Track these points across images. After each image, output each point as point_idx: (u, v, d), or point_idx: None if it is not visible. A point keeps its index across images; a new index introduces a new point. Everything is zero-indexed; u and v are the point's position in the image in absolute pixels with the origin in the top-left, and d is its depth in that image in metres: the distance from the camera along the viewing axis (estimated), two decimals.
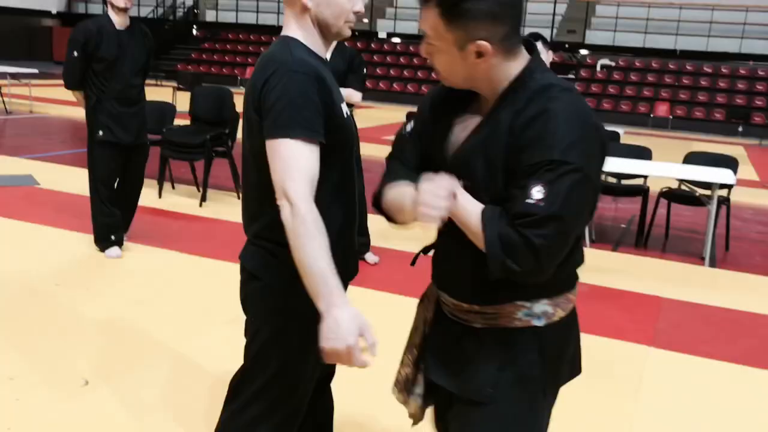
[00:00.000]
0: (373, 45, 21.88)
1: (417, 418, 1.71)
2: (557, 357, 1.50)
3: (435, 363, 1.58)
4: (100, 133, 4.33)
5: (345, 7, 1.68)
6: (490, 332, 1.48)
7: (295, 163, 1.53)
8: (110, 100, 4.33)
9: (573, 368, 1.59)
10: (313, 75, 1.59)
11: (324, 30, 1.70)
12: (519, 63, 1.43)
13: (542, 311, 1.46)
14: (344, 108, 1.72)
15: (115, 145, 4.39)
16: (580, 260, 1.52)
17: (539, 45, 3.92)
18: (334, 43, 2.73)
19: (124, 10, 4.26)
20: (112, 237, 4.51)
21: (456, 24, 1.35)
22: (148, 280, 4.19)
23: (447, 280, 1.56)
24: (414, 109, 1.73)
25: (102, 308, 3.69)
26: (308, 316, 1.70)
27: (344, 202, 1.74)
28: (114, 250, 4.50)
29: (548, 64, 3.99)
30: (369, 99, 17.02)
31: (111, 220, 4.49)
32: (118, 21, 4.31)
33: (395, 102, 19.14)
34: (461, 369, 1.51)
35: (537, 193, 1.29)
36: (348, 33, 1.73)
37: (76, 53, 4.26)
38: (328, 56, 1.93)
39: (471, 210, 1.37)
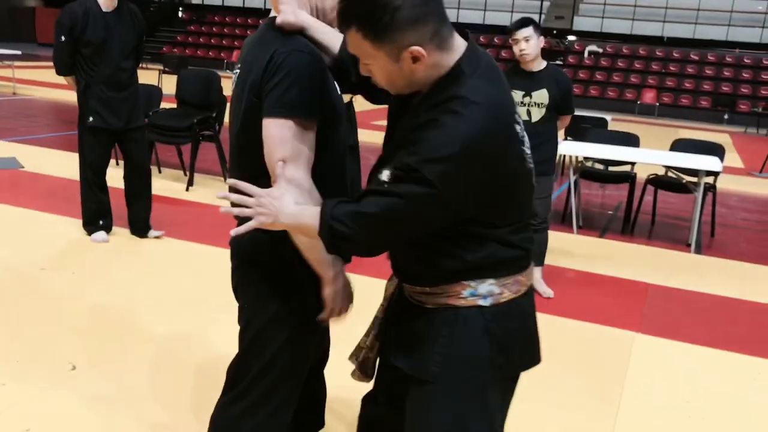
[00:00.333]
0: None
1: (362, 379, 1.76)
2: (505, 338, 1.49)
3: (390, 342, 1.63)
4: (90, 119, 4.26)
5: None
6: (440, 312, 1.49)
7: (294, 145, 1.54)
8: (99, 84, 4.24)
9: (530, 356, 1.57)
10: (316, 54, 1.59)
11: (320, 19, 1.70)
12: (454, 53, 1.41)
13: (488, 291, 1.46)
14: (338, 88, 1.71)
15: (104, 131, 4.31)
16: (523, 242, 1.50)
17: (530, 30, 3.91)
18: None
19: None
20: (100, 222, 4.47)
21: (382, 40, 1.34)
22: (136, 265, 4.17)
23: (398, 264, 1.59)
24: None
25: (89, 293, 3.67)
26: (302, 301, 1.70)
27: (335, 182, 1.73)
28: (100, 234, 4.46)
29: (539, 51, 3.98)
30: None
31: (99, 205, 4.45)
32: (105, 2, 4.21)
33: None
34: (412, 348, 1.53)
35: (384, 176, 1.38)
36: (335, 25, 1.72)
37: (63, 38, 4.18)
38: None
39: (300, 211, 1.47)
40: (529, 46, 3.90)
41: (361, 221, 1.37)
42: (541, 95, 3.97)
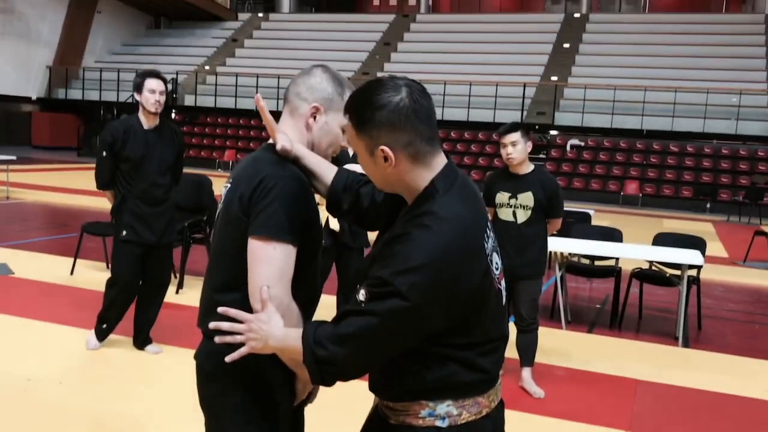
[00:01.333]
0: None
1: None
2: None
3: None
4: (124, 232, 4.26)
5: (338, 140, 1.83)
6: (400, 429, 1.52)
7: (277, 266, 1.62)
8: (134, 199, 4.25)
9: None
10: (303, 181, 1.71)
11: (314, 152, 1.82)
12: (431, 171, 1.51)
13: (445, 412, 1.49)
14: (321, 215, 1.82)
15: (137, 245, 4.27)
16: (490, 365, 1.52)
17: (518, 135, 4.00)
18: None
19: (155, 113, 4.23)
20: (104, 325, 4.43)
21: (362, 131, 1.49)
22: (124, 373, 4.15)
23: (370, 376, 1.63)
24: None
25: (77, 403, 3.64)
26: (271, 409, 1.74)
27: (304, 296, 1.79)
28: (92, 340, 4.45)
29: (526, 155, 4.08)
30: None
31: (111, 316, 4.40)
32: (146, 120, 4.27)
33: None
34: None
35: (361, 295, 1.44)
36: (328, 160, 1.87)
37: (104, 153, 4.26)
38: None
39: (286, 334, 1.54)
40: (515, 150, 4.01)
41: (341, 343, 1.42)
42: (527, 198, 4.06)
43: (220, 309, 1.63)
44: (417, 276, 1.37)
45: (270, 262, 1.62)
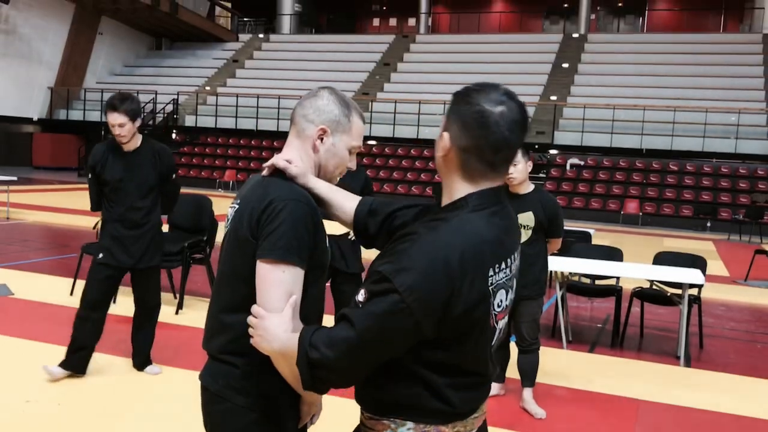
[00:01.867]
0: None
1: None
2: None
3: None
4: (100, 255, 4.23)
5: (344, 162, 1.85)
6: None
7: (286, 289, 1.62)
8: (113, 221, 4.21)
9: None
10: (312, 203, 1.71)
11: (319, 173, 1.83)
12: (475, 188, 1.50)
13: None
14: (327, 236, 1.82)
15: (112, 267, 4.22)
16: (459, 402, 1.48)
17: (519, 155, 3.95)
18: None
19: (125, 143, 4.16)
20: (76, 353, 4.27)
21: (449, 111, 1.51)
22: (124, 395, 4.13)
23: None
24: None
25: (76, 425, 3.62)
26: (280, 431, 1.73)
27: (311, 317, 1.77)
28: (54, 368, 4.23)
29: (527, 175, 4.07)
30: None
31: (80, 338, 4.25)
32: (126, 145, 4.19)
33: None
34: None
35: (360, 296, 1.43)
36: (335, 181, 1.88)
37: (90, 175, 4.24)
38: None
39: (288, 338, 1.53)
40: (516, 170, 3.99)
41: (334, 346, 1.40)
42: (528, 218, 4.05)
43: (252, 308, 1.63)
44: (415, 278, 1.36)
45: (279, 285, 1.62)
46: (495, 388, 4.06)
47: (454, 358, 1.45)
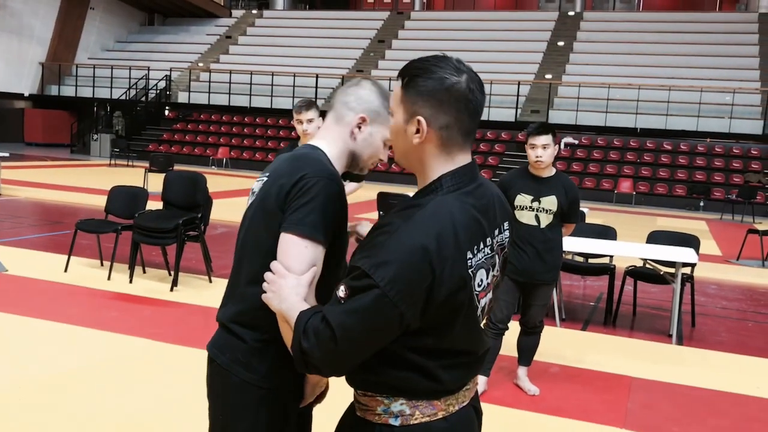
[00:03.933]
0: None
1: None
2: None
3: None
4: None
5: (378, 153, 1.84)
6: (360, 423, 1.53)
7: (307, 259, 1.62)
8: None
9: None
10: (341, 184, 1.71)
11: (351, 161, 1.83)
12: (452, 165, 1.49)
13: (399, 411, 1.47)
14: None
15: None
16: (450, 381, 1.49)
17: (549, 138, 3.84)
18: None
19: None
20: None
21: (408, 95, 1.47)
22: (122, 369, 4.14)
23: None
24: (382, 189, 1.86)
25: (71, 400, 3.63)
26: (283, 409, 1.73)
27: (326, 298, 1.78)
28: None
29: (553, 157, 3.92)
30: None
31: None
32: None
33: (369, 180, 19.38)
34: None
35: (341, 291, 1.41)
36: (365, 173, 1.88)
37: None
38: None
39: (293, 305, 1.52)
40: (545, 153, 3.86)
41: (321, 339, 1.40)
42: (551, 201, 3.93)
43: (272, 264, 1.62)
44: (395, 270, 1.35)
45: (301, 259, 1.61)
46: (481, 383, 3.99)
47: (444, 343, 1.45)
